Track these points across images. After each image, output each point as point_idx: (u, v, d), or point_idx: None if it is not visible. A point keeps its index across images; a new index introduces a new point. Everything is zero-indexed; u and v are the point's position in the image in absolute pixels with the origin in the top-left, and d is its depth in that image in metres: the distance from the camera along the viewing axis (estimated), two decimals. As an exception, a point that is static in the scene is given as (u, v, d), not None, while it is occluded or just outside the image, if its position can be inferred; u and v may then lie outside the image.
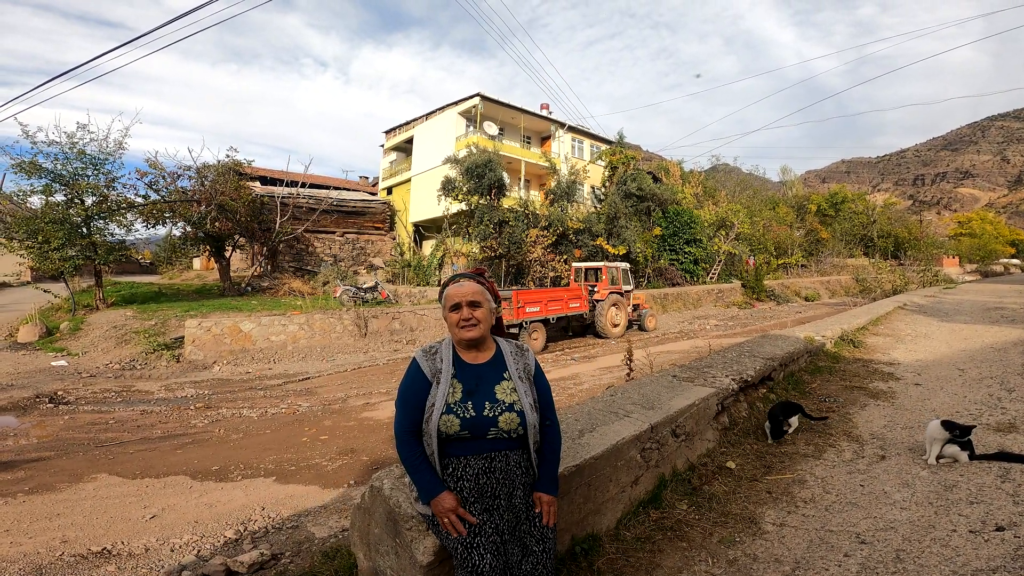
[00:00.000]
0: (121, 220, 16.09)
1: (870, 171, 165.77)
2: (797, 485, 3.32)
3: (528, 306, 12.68)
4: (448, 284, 2.12)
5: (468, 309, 2.01)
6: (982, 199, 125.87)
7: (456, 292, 2.05)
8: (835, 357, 6.84)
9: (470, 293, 2.03)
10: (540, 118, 28.66)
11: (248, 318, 12.71)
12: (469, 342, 2.04)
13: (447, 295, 2.07)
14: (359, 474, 5.35)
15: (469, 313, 2.01)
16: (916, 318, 11.11)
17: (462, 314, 2.01)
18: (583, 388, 8.74)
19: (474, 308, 2.02)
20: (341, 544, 3.03)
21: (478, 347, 2.08)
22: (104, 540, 3.87)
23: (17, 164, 13.88)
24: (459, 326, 2.01)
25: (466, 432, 1.90)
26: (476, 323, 2.01)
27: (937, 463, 3.48)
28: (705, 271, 27.49)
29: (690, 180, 34.54)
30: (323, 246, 26.12)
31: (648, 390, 3.86)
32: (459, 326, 2.01)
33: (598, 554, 2.50)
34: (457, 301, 2.02)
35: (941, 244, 56.41)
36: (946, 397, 5.12)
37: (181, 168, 18.60)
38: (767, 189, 51.75)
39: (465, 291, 2.04)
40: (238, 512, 4.45)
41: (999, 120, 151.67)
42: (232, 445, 6.37)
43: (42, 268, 15.01)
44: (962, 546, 2.48)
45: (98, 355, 11.48)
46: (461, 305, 2.02)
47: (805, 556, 2.51)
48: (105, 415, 7.62)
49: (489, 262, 21.01)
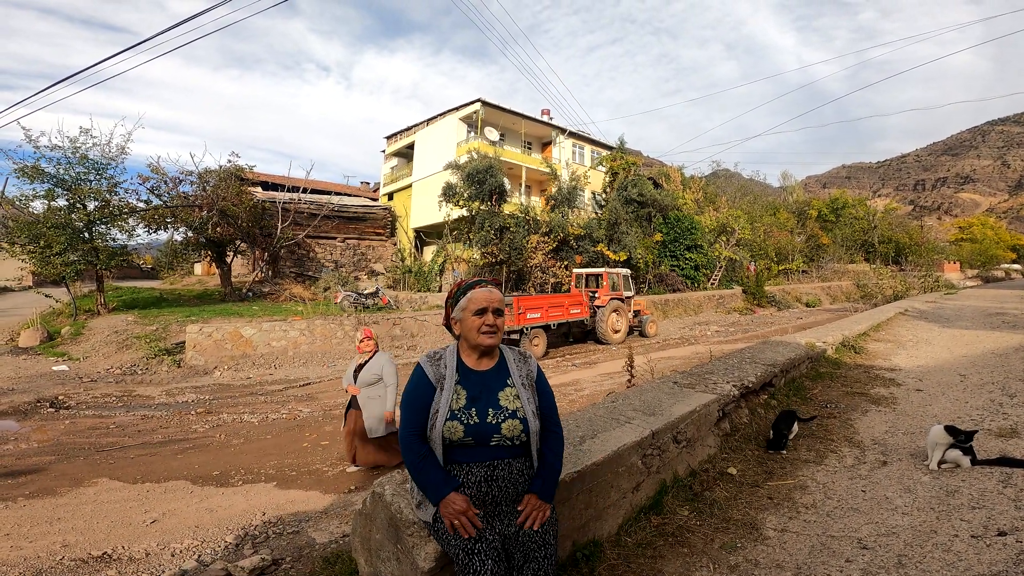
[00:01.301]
0: (123, 225, 16.09)
1: (871, 176, 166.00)
2: (799, 491, 3.31)
3: (529, 312, 12.68)
4: (472, 287, 2.07)
5: (493, 316, 2.00)
6: (983, 204, 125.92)
7: (484, 297, 2.02)
8: (836, 363, 6.84)
9: (498, 300, 2.03)
10: (541, 124, 28.73)
11: (249, 323, 12.72)
12: (487, 349, 2.04)
13: (473, 298, 2.03)
14: (360, 480, 5.34)
15: (494, 320, 2.00)
16: (917, 324, 11.10)
17: (487, 319, 1.99)
18: (584, 394, 8.73)
19: (498, 316, 2.01)
20: (342, 549, 3.03)
21: (489, 354, 2.08)
22: (105, 545, 3.86)
23: (20, 168, 13.88)
24: (481, 331, 1.99)
25: (470, 439, 1.90)
26: (497, 331, 2.01)
27: (939, 468, 3.48)
28: (706, 277, 27.49)
29: (691, 186, 34.60)
30: (324, 252, 26.14)
31: (649, 396, 3.86)
32: (481, 331, 1.99)
33: (599, 560, 2.50)
34: (485, 306, 2.01)
35: (942, 249, 56.41)
36: (947, 403, 5.12)
37: (183, 173, 18.65)
38: (768, 194, 51.84)
39: (495, 297, 2.03)
40: (239, 517, 4.44)
41: (999, 125, 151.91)
42: (233, 450, 6.37)
43: (44, 273, 14.98)
44: (964, 551, 2.48)
45: (99, 360, 11.48)
46: (487, 310, 2.00)
47: (807, 561, 2.51)
48: (106, 420, 7.62)
49: (490, 268, 21.00)
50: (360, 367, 5.43)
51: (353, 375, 5.42)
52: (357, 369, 5.44)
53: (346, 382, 5.49)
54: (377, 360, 5.43)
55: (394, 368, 5.44)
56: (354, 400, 5.37)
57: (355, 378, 5.39)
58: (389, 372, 5.36)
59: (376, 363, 5.40)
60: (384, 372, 5.35)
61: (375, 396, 5.30)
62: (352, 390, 5.39)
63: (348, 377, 5.48)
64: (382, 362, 5.40)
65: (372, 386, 5.32)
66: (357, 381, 5.36)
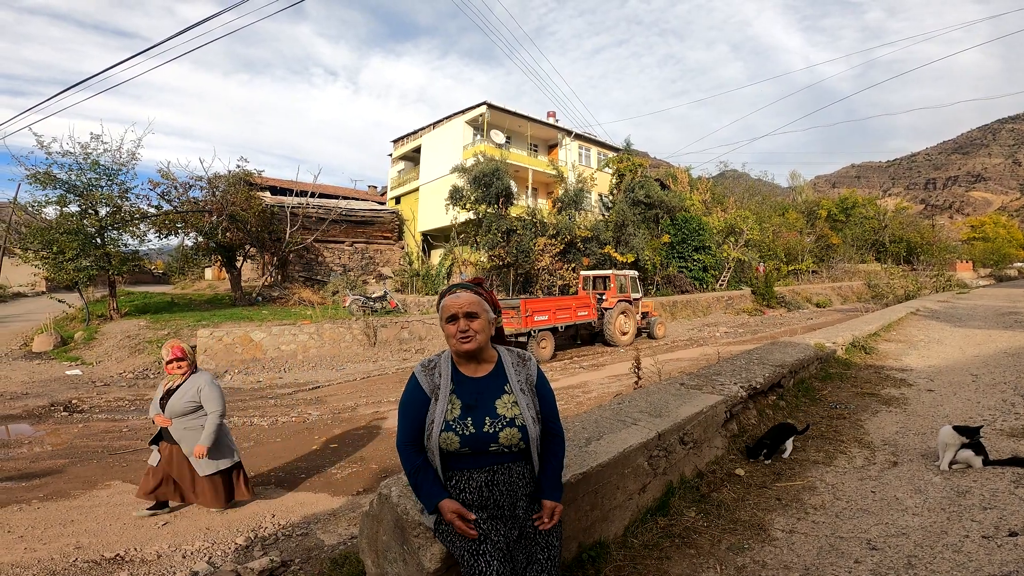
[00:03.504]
0: (134, 231, 16.24)
1: (880, 175, 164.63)
2: (807, 492, 3.30)
3: (536, 315, 12.68)
4: (444, 295, 2.06)
5: (465, 321, 1.96)
6: (994, 202, 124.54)
7: (452, 303, 1.99)
8: (846, 363, 6.79)
9: (466, 304, 1.98)
10: (547, 126, 28.77)
11: (259, 328, 12.82)
12: (467, 354, 2.00)
13: (443, 307, 2.02)
14: (368, 482, 5.36)
15: (466, 325, 1.96)
16: (929, 323, 10.99)
17: (459, 326, 1.96)
18: (591, 396, 8.71)
19: (471, 319, 1.97)
20: (350, 551, 3.05)
21: (477, 359, 2.04)
22: (117, 546, 3.91)
23: (32, 175, 14.02)
24: (456, 338, 1.97)
25: (466, 448, 1.89)
26: (473, 335, 1.96)
27: (950, 469, 3.45)
28: (714, 278, 27.36)
29: (698, 187, 34.48)
30: (332, 256, 26.28)
31: (656, 398, 3.86)
32: (456, 338, 1.97)
33: (605, 561, 2.50)
34: (453, 312, 1.97)
35: (954, 248, 55.81)
36: (959, 403, 5.07)
37: (193, 178, 18.80)
38: (776, 195, 51.55)
39: (461, 302, 1.99)
40: (249, 519, 4.48)
41: (1009, 123, 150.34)
42: (243, 453, 6.38)
43: (56, 278, 15.15)
44: (975, 551, 2.46)
45: (112, 364, 11.61)
46: (458, 317, 1.97)
47: (815, 563, 2.50)
48: (119, 423, 7.70)
49: (497, 271, 21.04)
50: (170, 392, 4.38)
51: (160, 403, 4.38)
52: (166, 395, 4.39)
53: (153, 411, 4.46)
54: (192, 383, 4.40)
55: (217, 392, 4.45)
56: (165, 433, 4.40)
57: (163, 406, 4.36)
58: (210, 397, 4.38)
59: (190, 387, 4.37)
60: (203, 397, 4.36)
61: (195, 427, 4.35)
62: (161, 421, 4.37)
63: (155, 406, 4.44)
64: (199, 384, 4.40)
65: (189, 416, 4.35)
66: (166, 410, 4.33)
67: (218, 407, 4.37)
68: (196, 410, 4.35)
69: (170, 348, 4.41)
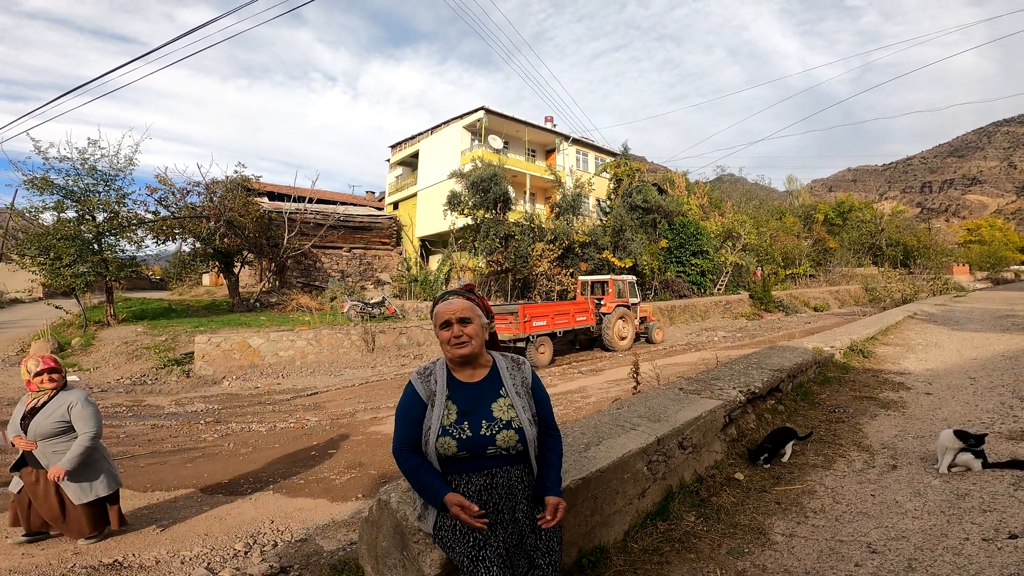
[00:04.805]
0: (132, 236, 16.22)
1: (877, 179, 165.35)
2: (807, 495, 3.30)
3: (535, 320, 12.68)
4: (437, 302, 2.11)
5: (459, 326, 2.00)
6: (991, 205, 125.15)
7: (445, 310, 2.04)
8: (845, 367, 6.80)
9: (459, 310, 2.02)
10: (545, 131, 28.84)
11: (257, 334, 12.80)
12: (462, 359, 2.03)
13: (436, 313, 2.07)
14: (367, 488, 5.35)
15: (460, 330, 2.00)
16: (926, 327, 11.02)
17: (453, 331, 2.00)
18: (590, 401, 8.71)
19: (464, 325, 2.01)
20: (349, 557, 3.03)
21: (472, 364, 2.07)
22: (115, 552, 3.89)
23: (29, 180, 13.98)
24: (450, 344, 2.01)
25: (464, 452, 1.91)
26: (467, 340, 2.00)
27: (949, 472, 3.45)
28: (712, 283, 27.41)
29: (695, 191, 34.54)
30: (330, 261, 26.27)
31: (655, 403, 3.86)
32: (450, 344, 2.01)
33: (605, 566, 2.50)
34: (447, 319, 2.02)
35: (951, 252, 55.99)
36: (957, 406, 5.08)
37: (190, 184, 18.80)
38: (773, 199, 51.67)
39: (454, 308, 2.03)
40: (247, 525, 4.46)
41: (1005, 126, 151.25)
42: (241, 459, 6.40)
43: (54, 284, 15.10)
44: (975, 554, 2.46)
45: (109, 370, 11.57)
46: (451, 323, 2.01)
47: (815, 566, 2.50)
48: (116, 429, 7.67)
49: (495, 276, 21.04)
50: (35, 411, 3.76)
51: (21, 423, 3.74)
52: (29, 414, 3.76)
53: (12, 432, 3.78)
54: (61, 400, 3.81)
55: (92, 410, 3.87)
56: (29, 457, 3.77)
57: (24, 427, 3.73)
58: (83, 416, 3.79)
59: (58, 406, 3.78)
60: (75, 416, 3.77)
61: (66, 450, 3.73)
62: (22, 445, 3.71)
63: (14, 426, 3.76)
64: (70, 401, 3.81)
65: (56, 438, 3.73)
66: (29, 431, 3.70)
67: (91, 428, 3.79)
68: (67, 431, 3.77)
69: (40, 359, 3.84)
